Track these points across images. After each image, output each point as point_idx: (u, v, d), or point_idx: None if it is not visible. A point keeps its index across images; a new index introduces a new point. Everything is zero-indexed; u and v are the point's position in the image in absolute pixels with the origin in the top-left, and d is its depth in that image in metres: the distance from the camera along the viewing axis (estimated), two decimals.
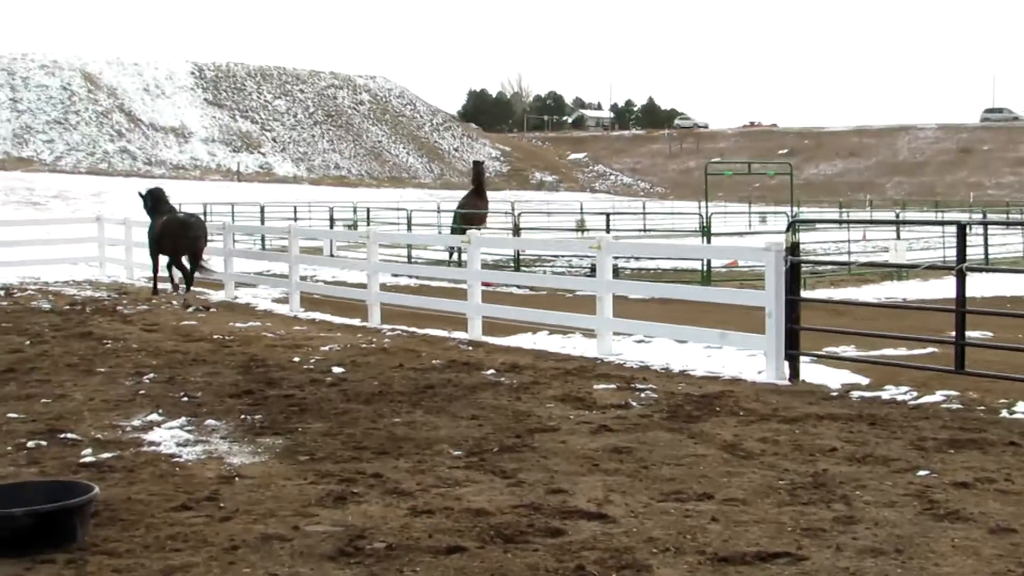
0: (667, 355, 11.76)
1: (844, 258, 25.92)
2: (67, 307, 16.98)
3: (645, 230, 41.74)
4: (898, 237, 27.27)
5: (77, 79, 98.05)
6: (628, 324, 12.40)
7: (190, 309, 16.78)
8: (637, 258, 25.44)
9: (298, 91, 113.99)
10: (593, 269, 15.57)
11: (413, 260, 26.91)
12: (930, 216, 51.78)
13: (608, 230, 27.02)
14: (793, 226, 10.81)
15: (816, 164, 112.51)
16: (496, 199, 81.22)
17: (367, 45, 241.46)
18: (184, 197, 61.27)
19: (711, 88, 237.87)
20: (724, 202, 68.04)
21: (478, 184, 27.21)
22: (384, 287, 17.87)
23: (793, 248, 10.40)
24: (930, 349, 11.85)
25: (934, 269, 18.07)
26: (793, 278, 10.41)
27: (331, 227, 32.70)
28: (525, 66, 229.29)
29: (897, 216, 38.46)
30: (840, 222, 26.86)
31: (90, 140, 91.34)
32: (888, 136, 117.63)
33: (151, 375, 10.48)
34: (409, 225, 29.39)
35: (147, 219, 20.04)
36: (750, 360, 11.29)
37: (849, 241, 28.69)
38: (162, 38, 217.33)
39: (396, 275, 22.92)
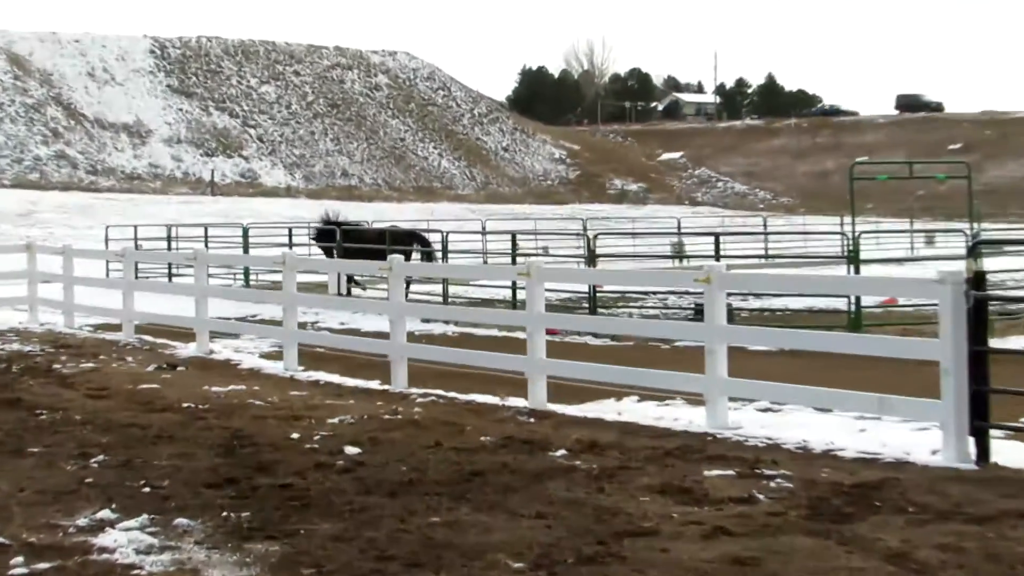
0: (804, 429, 11.66)
1: None
2: None
3: (768, 256, 41.60)
4: None
5: (0, 62, 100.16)
6: (749, 386, 12.31)
7: (151, 367, 16.97)
8: (758, 295, 25.31)
9: (292, 73, 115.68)
10: (699, 310, 15.44)
11: (451, 300, 27.01)
12: None
13: (718, 257, 26.93)
14: (976, 249, 10.71)
15: (1002, 163, 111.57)
16: (562, 215, 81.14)
17: (383, 11, 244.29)
18: (141, 217, 62.06)
19: (850, 62, 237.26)
20: (876, 217, 67.68)
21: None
22: (412, 337, 17.90)
23: (978, 280, 10.28)
24: None
25: None
26: (978, 321, 10.29)
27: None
28: (599, 36, 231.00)
29: None
30: None
31: (16, 142, 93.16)
32: None
33: (100, 457, 10.58)
34: (444, 252, 29.50)
35: (95, 246, 20.43)
36: (920, 435, 11.16)
37: None
38: (112, 8, 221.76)
39: (428, 320, 23.01)
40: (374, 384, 15.34)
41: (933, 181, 64.62)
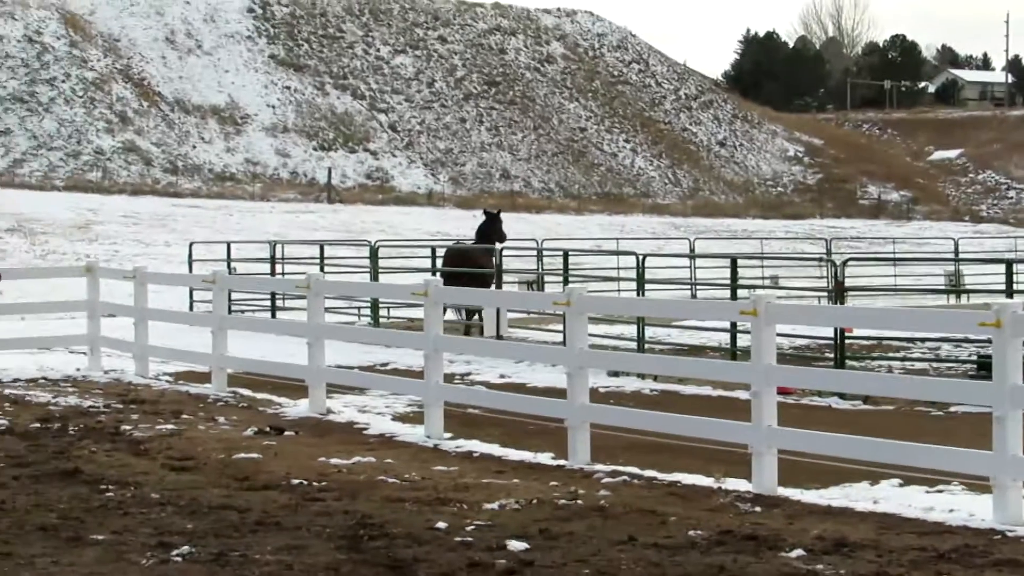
0: None
1: None
2: (36, 425, 17.63)
3: None
4: None
5: (52, 25, 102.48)
6: None
7: (250, 431, 17.24)
8: None
9: (436, 40, 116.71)
10: (983, 365, 15.21)
11: (647, 346, 26.94)
12: None
13: (1010, 292, 26.44)
14: None
15: None
16: (797, 233, 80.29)
17: None
18: (236, 231, 62.81)
19: None
20: None
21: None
22: (597, 395, 17.88)
23: None
24: None
25: None
26: None
27: (498, 284, 32.98)
28: None
29: None
30: None
31: (72, 130, 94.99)
32: None
33: (185, 549, 10.75)
34: (640, 282, 29.45)
35: (175, 268, 20.87)
36: None
37: None
38: None
39: (617, 373, 23.00)
40: (545, 458, 15.39)
41: None
